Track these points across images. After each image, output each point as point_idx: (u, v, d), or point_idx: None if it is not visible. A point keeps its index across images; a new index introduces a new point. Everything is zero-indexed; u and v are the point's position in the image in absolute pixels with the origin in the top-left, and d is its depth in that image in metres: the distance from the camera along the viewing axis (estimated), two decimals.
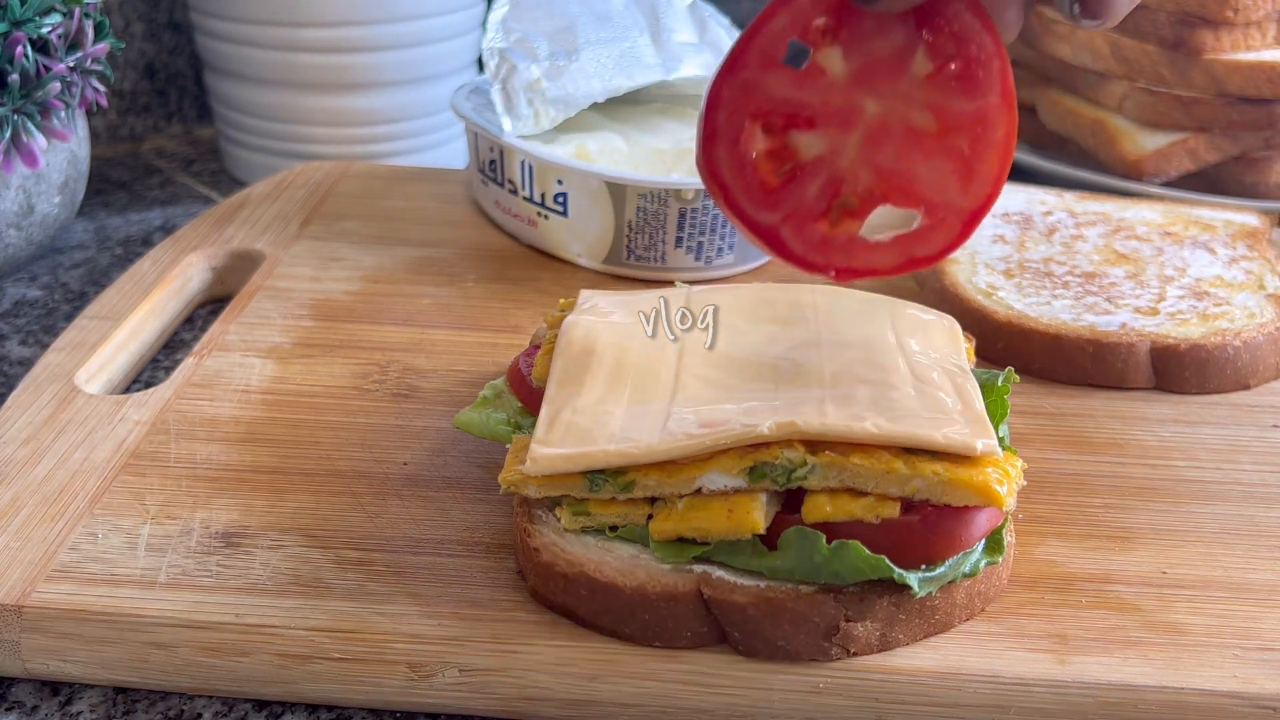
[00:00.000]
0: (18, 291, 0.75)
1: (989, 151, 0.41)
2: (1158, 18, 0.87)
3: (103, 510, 0.50)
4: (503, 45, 0.72)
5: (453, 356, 0.62)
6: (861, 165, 0.41)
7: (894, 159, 0.41)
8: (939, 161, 0.40)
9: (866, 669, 0.43)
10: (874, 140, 0.40)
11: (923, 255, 0.41)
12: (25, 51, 0.67)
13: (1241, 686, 0.43)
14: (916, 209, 0.41)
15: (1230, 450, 0.57)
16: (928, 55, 0.40)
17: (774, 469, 0.43)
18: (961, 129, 0.40)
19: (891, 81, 0.40)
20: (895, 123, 0.40)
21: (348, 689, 0.44)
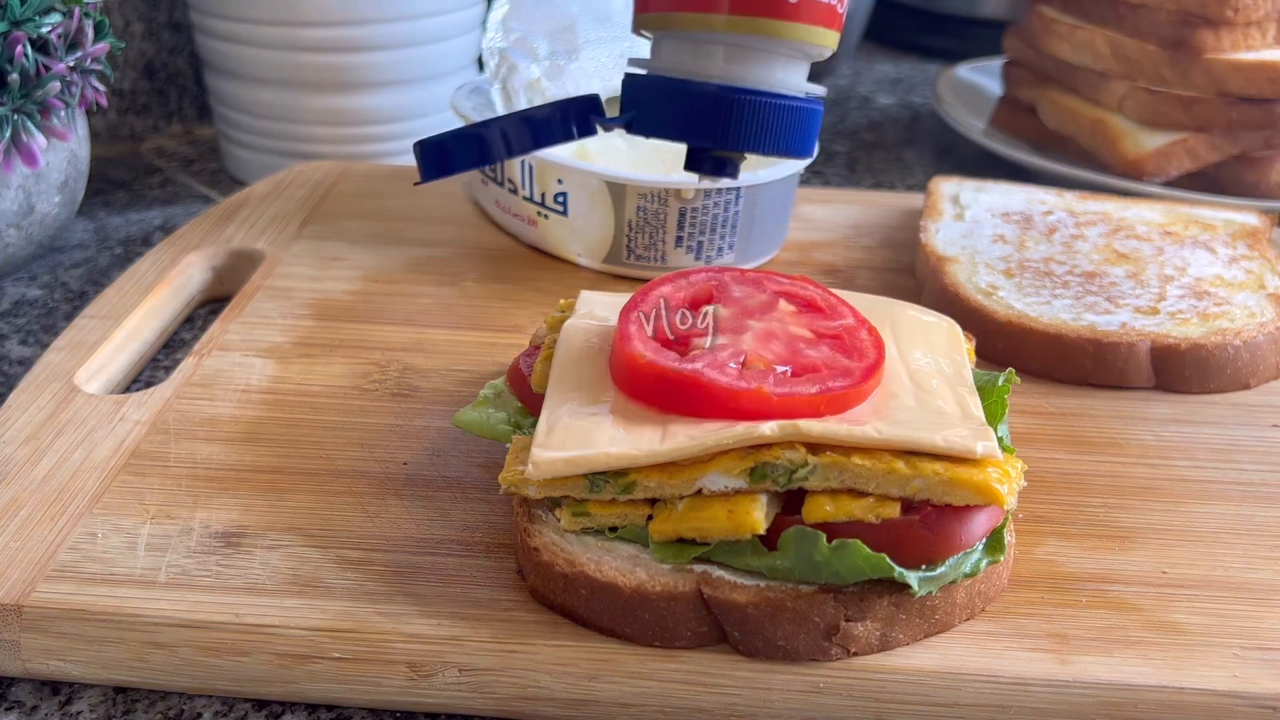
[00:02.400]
0: (18, 291, 0.75)
1: (863, 341, 0.47)
2: (1158, 18, 0.87)
3: (103, 510, 0.50)
4: (503, 45, 0.72)
5: (453, 356, 0.62)
6: (760, 350, 0.46)
7: (784, 350, 0.46)
8: (823, 347, 0.46)
9: (866, 669, 0.43)
10: (764, 339, 0.46)
11: (838, 387, 0.44)
12: (25, 51, 0.67)
13: (1241, 686, 0.43)
14: (818, 372, 0.45)
15: (1230, 450, 0.57)
16: (789, 302, 0.48)
17: (775, 470, 0.43)
18: (833, 335, 0.47)
19: (765, 316, 0.47)
20: (778, 331, 0.46)
21: (347, 689, 0.44)
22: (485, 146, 0.42)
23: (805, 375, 0.45)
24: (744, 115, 0.40)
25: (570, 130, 0.42)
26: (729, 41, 0.40)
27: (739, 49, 0.40)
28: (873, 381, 0.46)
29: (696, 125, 0.41)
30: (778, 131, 0.41)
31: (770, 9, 0.39)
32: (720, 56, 0.40)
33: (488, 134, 0.41)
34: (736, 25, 0.39)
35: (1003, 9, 1.23)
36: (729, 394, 0.44)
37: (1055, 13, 0.95)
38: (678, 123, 0.41)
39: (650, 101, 0.42)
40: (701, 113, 0.40)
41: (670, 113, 0.41)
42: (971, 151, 1.03)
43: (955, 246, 0.70)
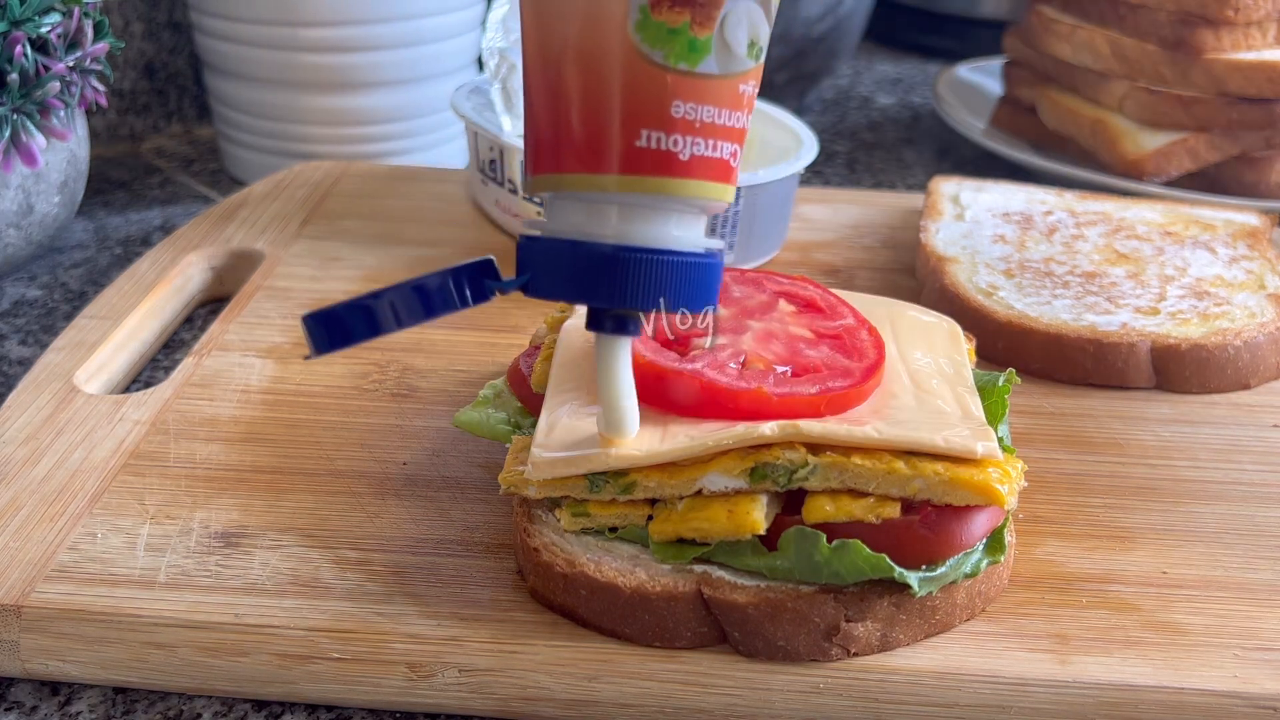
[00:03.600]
0: (17, 291, 0.75)
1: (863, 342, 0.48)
2: (1158, 18, 0.87)
3: (102, 510, 0.50)
4: (502, 44, 0.72)
5: (452, 356, 0.62)
6: (759, 350, 0.46)
7: (784, 350, 0.46)
8: (823, 347, 0.47)
9: (866, 669, 0.43)
10: (763, 340, 0.47)
11: (838, 388, 0.44)
12: (25, 51, 0.66)
13: (1241, 686, 0.43)
14: (817, 372, 0.45)
15: (1230, 450, 0.57)
16: (788, 302, 0.49)
17: (775, 470, 0.43)
18: (833, 335, 0.48)
19: (765, 316, 0.48)
20: (778, 332, 0.47)
21: (347, 689, 0.44)
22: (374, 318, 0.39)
23: (805, 375, 0.45)
24: (639, 274, 0.39)
25: (465, 297, 0.40)
26: (622, 201, 0.39)
27: (632, 208, 0.40)
28: (873, 381, 0.46)
29: (591, 286, 0.40)
30: (674, 287, 0.40)
31: (662, 168, 0.39)
32: (614, 216, 0.40)
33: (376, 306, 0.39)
34: (628, 185, 0.39)
35: (1003, 9, 1.23)
36: (729, 394, 0.44)
37: (1055, 13, 0.95)
38: (573, 284, 0.40)
39: (545, 264, 0.41)
40: (595, 273, 0.40)
41: (565, 274, 0.40)
42: (971, 151, 1.03)
43: (955, 246, 0.70)
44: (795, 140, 0.74)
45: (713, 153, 0.39)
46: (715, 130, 0.39)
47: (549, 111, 0.40)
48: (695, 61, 0.38)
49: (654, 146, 0.39)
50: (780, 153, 0.74)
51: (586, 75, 0.39)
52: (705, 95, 0.39)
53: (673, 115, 0.38)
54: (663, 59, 0.38)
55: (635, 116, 0.38)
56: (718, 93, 0.39)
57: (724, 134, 0.40)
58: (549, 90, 0.40)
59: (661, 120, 0.38)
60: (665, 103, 0.38)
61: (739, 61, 0.39)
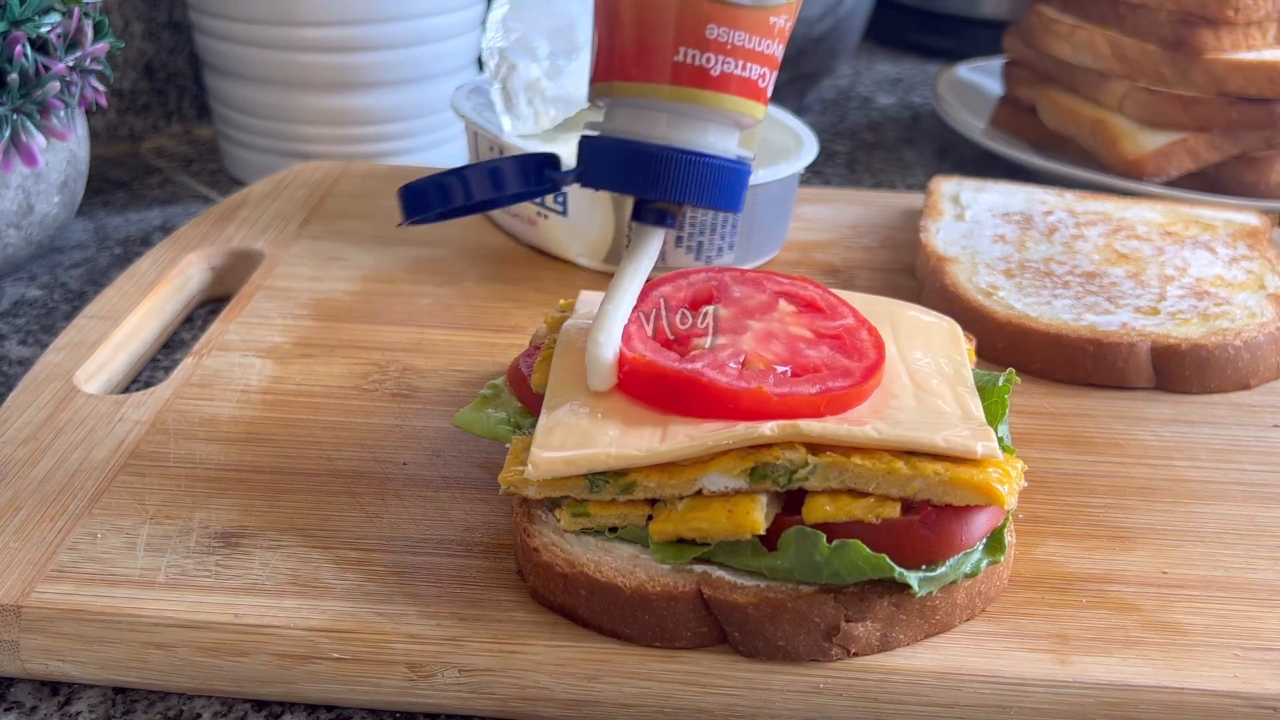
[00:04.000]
0: (17, 291, 0.75)
1: (863, 342, 0.48)
2: (1158, 18, 0.87)
3: (102, 510, 0.50)
4: (503, 44, 0.72)
5: (452, 356, 0.62)
6: (759, 350, 0.47)
7: (784, 350, 0.47)
8: (823, 347, 0.48)
9: (866, 669, 0.43)
10: (764, 340, 0.48)
11: (838, 388, 0.45)
12: (25, 51, 0.66)
13: (1242, 686, 0.43)
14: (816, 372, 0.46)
15: (1230, 450, 0.57)
16: (789, 302, 0.50)
17: (775, 470, 0.43)
18: (833, 335, 0.49)
19: (765, 316, 0.49)
20: (778, 332, 0.48)
21: (347, 689, 0.44)
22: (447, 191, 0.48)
23: (805, 375, 0.45)
24: (678, 171, 0.46)
25: (530, 180, 0.48)
26: (670, 109, 0.46)
27: (678, 116, 0.46)
28: (873, 381, 0.46)
29: (638, 179, 0.47)
30: (707, 187, 0.47)
31: (702, 82, 0.46)
32: (663, 122, 0.47)
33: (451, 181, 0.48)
34: (676, 94, 0.46)
35: (1003, 9, 1.23)
36: (729, 394, 0.44)
37: (1055, 13, 0.95)
38: (622, 177, 0.48)
39: (600, 158, 0.48)
40: (643, 169, 0.47)
41: (616, 168, 0.48)
42: (971, 151, 1.03)
43: (955, 246, 0.70)
44: (795, 140, 0.74)
45: (742, 72, 0.46)
46: (744, 53, 0.46)
47: (608, 28, 0.47)
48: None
49: (690, 62, 0.45)
50: (780, 153, 0.74)
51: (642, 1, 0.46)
52: (738, 21, 0.45)
53: (707, 36, 0.45)
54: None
55: (678, 34, 0.45)
56: (749, 21, 0.46)
57: (753, 57, 0.46)
58: (608, 10, 0.47)
59: (698, 40, 0.45)
60: (702, 24, 0.45)
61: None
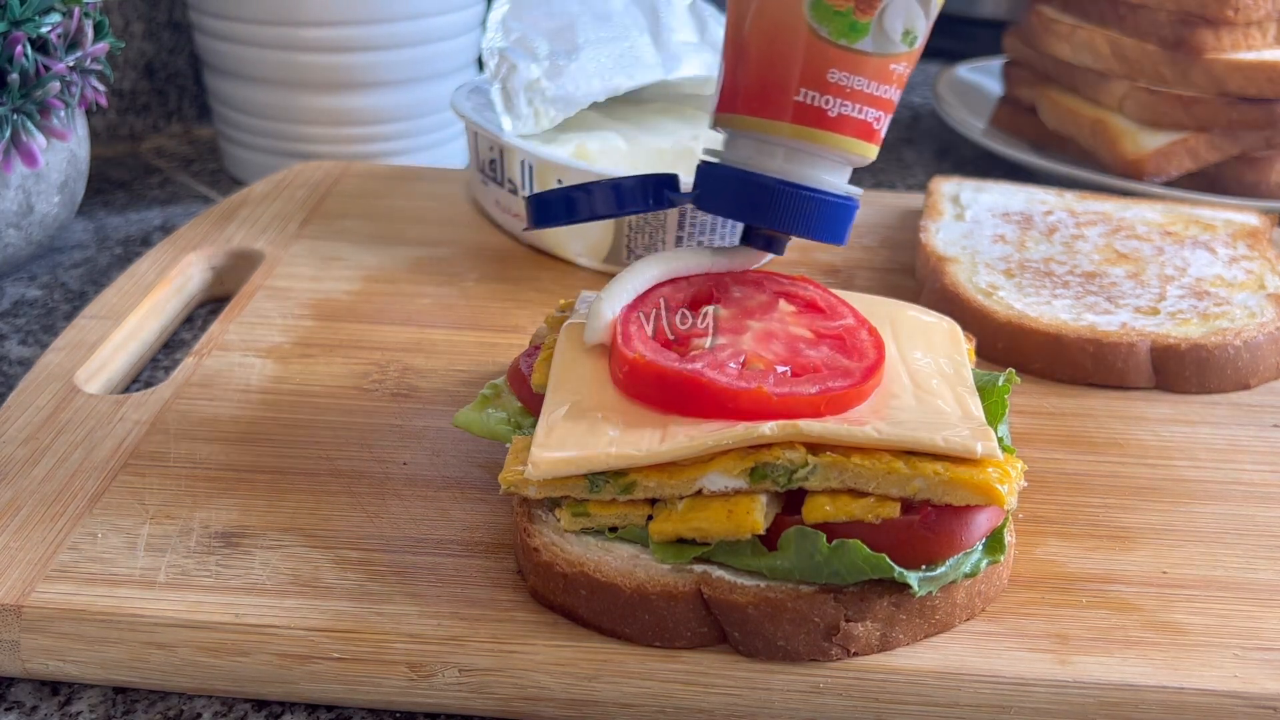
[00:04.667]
0: (17, 291, 0.75)
1: (863, 342, 0.49)
2: (1158, 18, 0.87)
3: (102, 510, 0.50)
4: (503, 45, 0.72)
5: (453, 356, 0.62)
6: (759, 350, 0.47)
7: (784, 350, 0.48)
8: (823, 347, 0.48)
9: (866, 669, 0.43)
10: (763, 340, 0.48)
11: (838, 388, 0.45)
12: (25, 51, 0.66)
13: (1242, 686, 0.43)
14: (816, 372, 0.46)
15: (1230, 450, 0.57)
16: (788, 303, 0.51)
17: (775, 470, 0.43)
18: (833, 335, 0.49)
19: (765, 316, 0.50)
20: (778, 332, 0.49)
21: (347, 689, 0.44)
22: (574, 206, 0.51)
23: (805, 375, 0.45)
24: (791, 204, 0.48)
25: (649, 201, 0.51)
26: (787, 145, 0.48)
27: (795, 151, 0.48)
28: (873, 381, 0.46)
29: (752, 208, 0.49)
30: (816, 220, 0.49)
31: (820, 122, 0.47)
32: (780, 156, 0.48)
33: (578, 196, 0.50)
34: (794, 132, 0.47)
35: (1003, 9, 1.23)
36: (729, 394, 0.44)
37: (1055, 13, 0.95)
38: (737, 204, 0.49)
39: (717, 185, 0.50)
40: (757, 199, 0.48)
41: (732, 196, 0.49)
42: (971, 151, 1.03)
43: (955, 246, 0.70)
44: None
45: (858, 114, 0.47)
46: (862, 97, 0.47)
47: (735, 64, 0.49)
48: (854, 40, 0.46)
49: (810, 103, 0.47)
50: None
51: (768, 38, 0.48)
52: (858, 68, 0.47)
53: (828, 80, 0.47)
54: (828, 34, 0.46)
55: (800, 76, 0.47)
56: (870, 67, 0.47)
57: (870, 101, 0.48)
58: (737, 46, 0.49)
59: (819, 82, 0.47)
60: (824, 69, 0.47)
61: (893, 45, 0.47)
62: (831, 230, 0.49)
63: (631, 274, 0.49)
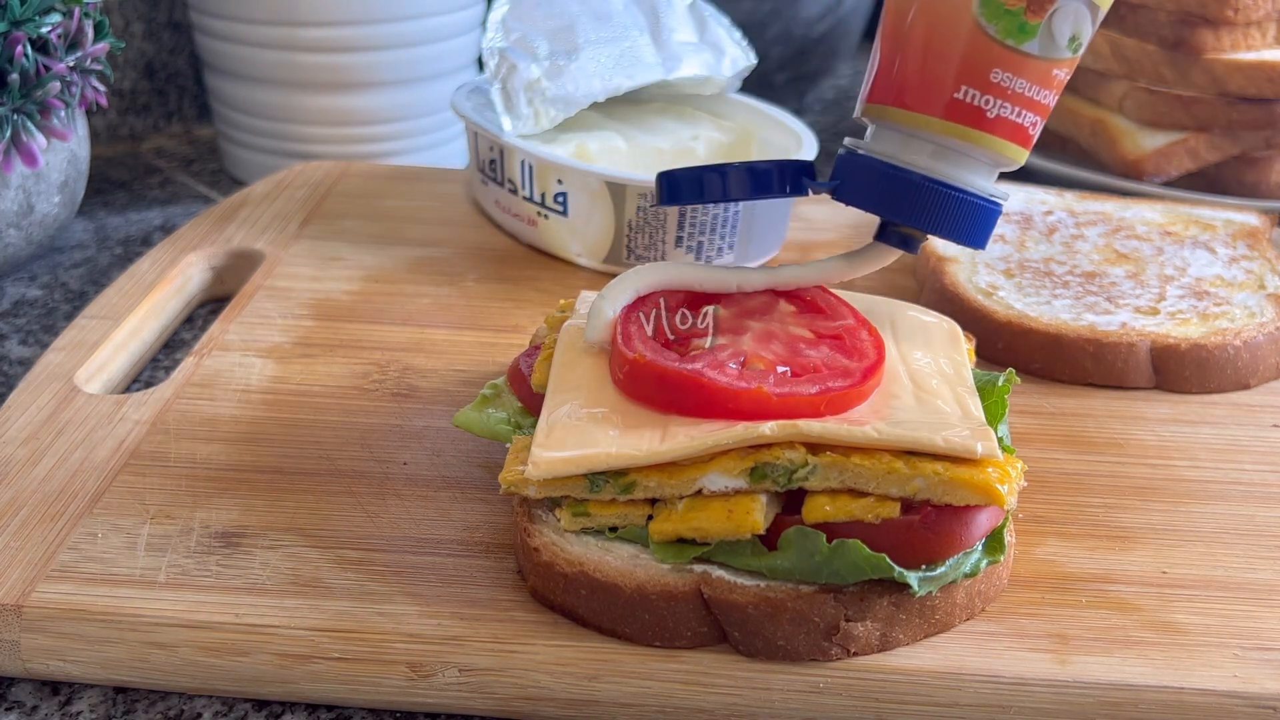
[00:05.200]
0: (18, 291, 0.75)
1: (863, 342, 0.48)
2: (1158, 18, 0.87)
3: (103, 510, 0.50)
4: (503, 45, 0.72)
5: (453, 356, 0.62)
6: (759, 350, 0.47)
7: (784, 350, 0.47)
8: (823, 347, 0.48)
9: (866, 669, 0.43)
10: (763, 340, 0.48)
11: (838, 388, 0.45)
12: (25, 51, 0.67)
13: (1242, 686, 0.43)
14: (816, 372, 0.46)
15: (1230, 450, 0.57)
16: (788, 303, 0.50)
17: (775, 469, 0.43)
18: (833, 335, 0.49)
19: (765, 316, 0.49)
20: (778, 332, 0.48)
21: (348, 689, 0.44)
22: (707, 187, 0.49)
23: (805, 375, 0.45)
24: (936, 202, 0.47)
25: (785, 186, 0.49)
26: (937, 141, 0.47)
27: (945, 149, 0.47)
28: (873, 382, 0.46)
29: (895, 203, 0.48)
30: (960, 221, 0.47)
31: (977, 121, 0.46)
32: (928, 152, 0.47)
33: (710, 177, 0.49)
34: (948, 129, 0.46)
35: None
36: (729, 394, 0.44)
37: None
38: (880, 199, 0.48)
39: (859, 176, 0.48)
40: (902, 195, 0.47)
41: (875, 189, 0.48)
42: None
43: (955, 247, 0.70)
44: (795, 140, 0.74)
45: (1016, 118, 0.46)
46: (1022, 100, 0.46)
47: (893, 53, 0.47)
48: (1021, 40, 0.45)
49: (969, 101, 0.46)
50: (780, 153, 0.74)
51: (931, 31, 0.46)
52: (1022, 69, 0.46)
53: (990, 79, 0.46)
54: (995, 32, 0.45)
55: (961, 73, 0.46)
56: (1033, 70, 0.46)
57: (1029, 104, 0.46)
58: (897, 35, 0.47)
59: (981, 81, 0.46)
60: (988, 68, 0.45)
61: (1059, 50, 0.46)
62: (975, 233, 0.48)
63: (635, 275, 0.49)
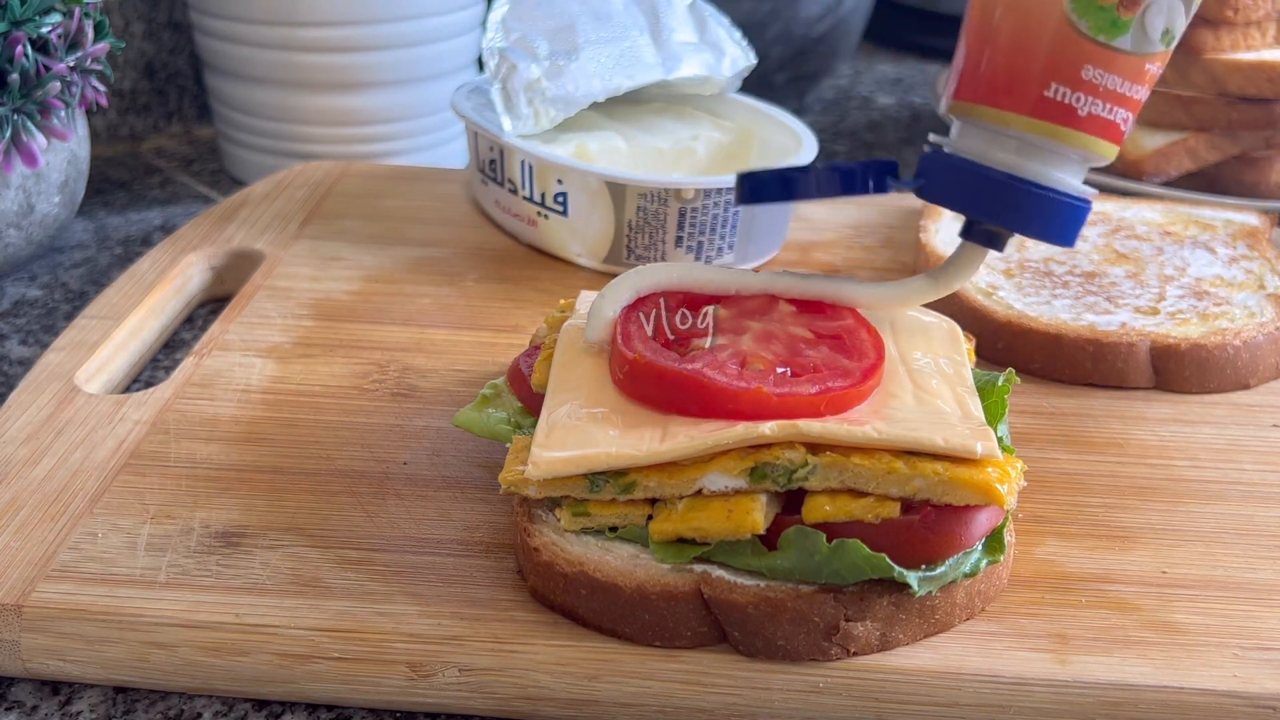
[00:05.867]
0: (18, 291, 0.75)
1: (862, 342, 0.48)
2: None
3: (103, 510, 0.50)
4: (503, 45, 0.72)
5: (453, 356, 0.62)
6: (759, 350, 0.47)
7: (784, 350, 0.47)
8: (823, 347, 0.48)
9: (866, 669, 0.43)
10: (763, 340, 0.48)
11: (837, 388, 0.45)
12: (25, 51, 0.67)
13: (1241, 686, 0.43)
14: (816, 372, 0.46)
15: (1230, 450, 0.57)
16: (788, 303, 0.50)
17: (775, 469, 0.43)
18: (832, 335, 0.49)
19: (765, 316, 0.49)
20: (778, 332, 0.48)
21: (348, 689, 0.44)
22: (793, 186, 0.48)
23: (805, 375, 0.45)
24: (1024, 201, 0.46)
25: (869, 185, 0.48)
26: (1025, 139, 0.46)
27: (1029, 145, 0.46)
28: (872, 381, 0.46)
29: (979, 202, 0.47)
30: (1048, 220, 0.47)
31: (1067, 120, 0.45)
32: (1013, 149, 0.46)
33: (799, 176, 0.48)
34: (1031, 126, 0.45)
35: None
36: (729, 394, 0.44)
37: None
38: (964, 197, 0.47)
39: (945, 174, 0.48)
40: (989, 194, 0.46)
41: (959, 188, 0.47)
42: None
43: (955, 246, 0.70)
44: (795, 140, 0.74)
45: (1108, 115, 0.46)
46: (1114, 96, 0.45)
47: (980, 49, 0.47)
48: (1113, 36, 0.44)
49: (1059, 99, 0.45)
50: (780, 153, 0.74)
51: (1020, 27, 0.45)
52: (1114, 65, 0.45)
53: (1082, 76, 0.45)
54: (1086, 29, 0.44)
55: (1051, 70, 0.45)
56: (1125, 66, 0.45)
57: (1121, 101, 0.46)
58: (984, 31, 0.46)
59: (1071, 78, 0.45)
60: (1079, 65, 0.45)
61: (1151, 44, 0.45)
62: (1062, 232, 0.47)
63: (635, 275, 0.49)
